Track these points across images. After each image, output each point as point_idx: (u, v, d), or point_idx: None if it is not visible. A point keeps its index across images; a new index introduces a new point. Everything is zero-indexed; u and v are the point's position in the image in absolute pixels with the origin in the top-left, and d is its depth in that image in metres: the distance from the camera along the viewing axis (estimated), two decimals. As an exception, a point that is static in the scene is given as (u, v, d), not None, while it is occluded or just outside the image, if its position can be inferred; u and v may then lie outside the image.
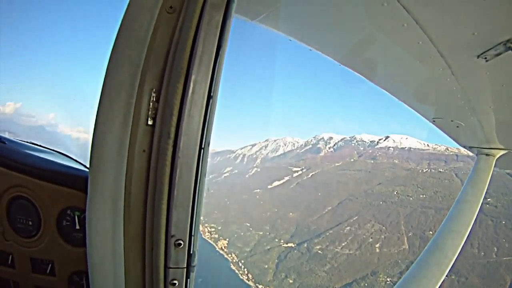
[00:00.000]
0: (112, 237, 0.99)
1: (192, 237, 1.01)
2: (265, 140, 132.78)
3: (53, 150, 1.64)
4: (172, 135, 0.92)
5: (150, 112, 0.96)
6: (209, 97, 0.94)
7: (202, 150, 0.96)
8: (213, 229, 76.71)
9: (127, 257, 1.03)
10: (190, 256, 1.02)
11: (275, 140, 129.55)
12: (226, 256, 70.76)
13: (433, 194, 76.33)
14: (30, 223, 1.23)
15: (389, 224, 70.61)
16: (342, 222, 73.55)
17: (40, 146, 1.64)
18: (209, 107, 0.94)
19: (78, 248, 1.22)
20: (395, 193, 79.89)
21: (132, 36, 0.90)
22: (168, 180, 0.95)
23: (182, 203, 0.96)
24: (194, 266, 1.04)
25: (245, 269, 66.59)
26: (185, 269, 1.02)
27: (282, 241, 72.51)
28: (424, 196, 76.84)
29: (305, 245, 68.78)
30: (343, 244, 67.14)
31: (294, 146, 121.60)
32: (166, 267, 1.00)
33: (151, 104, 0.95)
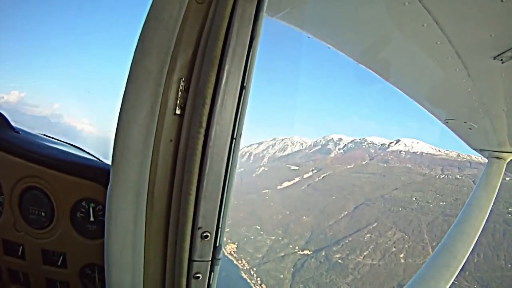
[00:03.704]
0: (133, 230, 0.97)
1: (220, 229, 0.98)
2: (272, 139, 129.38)
3: (66, 142, 1.57)
4: (204, 124, 0.90)
5: (178, 102, 0.94)
6: (242, 87, 0.93)
7: (234, 141, 0.94)
8: (219, 231, 69.92)
9: (147, 249, 1.00)
10: (215, 248, 1.00)
11: (282, 139, 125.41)
12: (235, 262, 64.71)
13: (453, 201, 72.56)
14: (43, 214, 1.20)
15: (412, 232, 66.08)
16: (361, 228, 68.62)
17: (53, 138, 1.57)
18: (242, 97, 0.93)
19: (91, 241, 1.20)
20: (414, 199, 75.87)
21: (161, 25, 0.88)
22: (198, 170, 0.92)
23: (211, 194, 0.93)
24: (219, 259, 1.01)
25: (258, 279, 60.57)
26: (209, 262, 1.00)
27: (297, 247, 67.03)
28: (444, 203, 73.04)
29: (323, 253, 63.45)
30: (365, 253, 62.12)
31: (302, 146, 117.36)
32: (190, 260, 0.97)
33: (179, 93, 0.94)
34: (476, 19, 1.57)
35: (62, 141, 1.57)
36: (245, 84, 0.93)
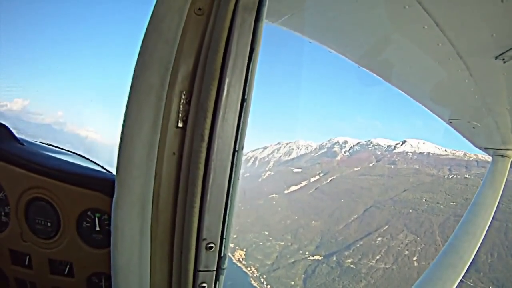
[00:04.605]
0: (139, 241, 0.97)
1: (224, 240, 0.99)
2: (277, 143, 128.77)
3: (71, 151, 1.59)
4: (206, 138, 0.90)
5: (180, 115, 0.94)
6: (243, 100, 0.93)
7: (236, 153, 0.94)
8: (227, 238, 69.38)
9: (153, 260, 1.01)
10: (220, 258, 1.00)
11: (287, 143, 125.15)
12: (244, 269, 63.90)
13: (463, 201, 70.99)
14: (49, 224, 1.22)
15: (423, 234, 64.72)
16: (372, 232, 67.47)
17: (58, 147, 1.59)
18: (243, 110, 0.93)
19: (97, 250, 1.21)
20: (424, 200, 74.52)
21: (161, 38, 0.89)
22: (201, 183, 0.92)
23: (215, 206, 0.94)
24: (224, 269, 1.02)
25: (268, 286, 59.54)
26: (215, 272, 1.01)
27: (307, 253, 66.05)
28: (454, 203, 71.52)
29: (334, 258, 62.42)
30: (378, 257, 60.89)
31: (307, 150, 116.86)
32: (195, 270, 0.98)
33: (181, 106, 0.94)
34: (476, 20, 1.57)
35: (67, 151, 1.59)
36: (245, 97, 0.93)
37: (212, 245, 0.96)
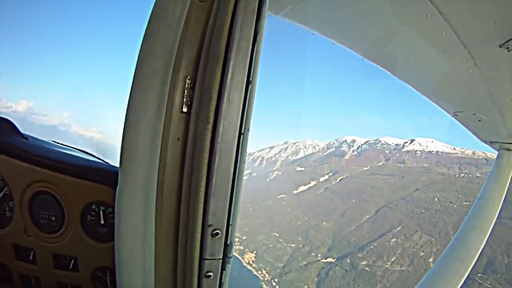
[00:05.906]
0: (143, 230, 0.96)
1: (230, 227, 0.97)
2: (284, 143, 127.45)
3: (75, 148, 1.57)
4: (211, 120, 0.89)
5: (185, 100, 0.93)
6: (248, 82, 0.92)
7: (242, 136, 0.93)
8: (237, 239, 67.70)
9: (157, 250, 1.00)
10: (226, 246, 0.98)
11: (294, 143, 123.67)
12: (255, 272, 62.39)
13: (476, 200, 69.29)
14: (53, 218, 1.20)
15: (438, 235, 63.16)
16: (386, 233, 65.87)
17: (61, 144, 1.58)
18: (248, 92, 0.92)
19: (102, 244, 1.19)
20: (436, 199, 72.95)
21: (165, 24, 0.89)
22: (207, 167, 0.90)
23: (221, 191, 0.92)
24: (230, 257, 1.00)
25: (281, 290, 57.77)
26: (221, 260, 0.98)
27: (319, 255, 64.47)
28: (468, 203, 69.94)
29: (348, 261, 60.83)
30: (393, 259, 59.24)
31: (315, 149, 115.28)
32: (201, 259, 0.96)
33: (185, 91, 0.93)
34: (479, 7, 1.53)
35: (71, 147, 1.52)
36: (251, 79, 0.91)
37: (218, 231, 0.94)
